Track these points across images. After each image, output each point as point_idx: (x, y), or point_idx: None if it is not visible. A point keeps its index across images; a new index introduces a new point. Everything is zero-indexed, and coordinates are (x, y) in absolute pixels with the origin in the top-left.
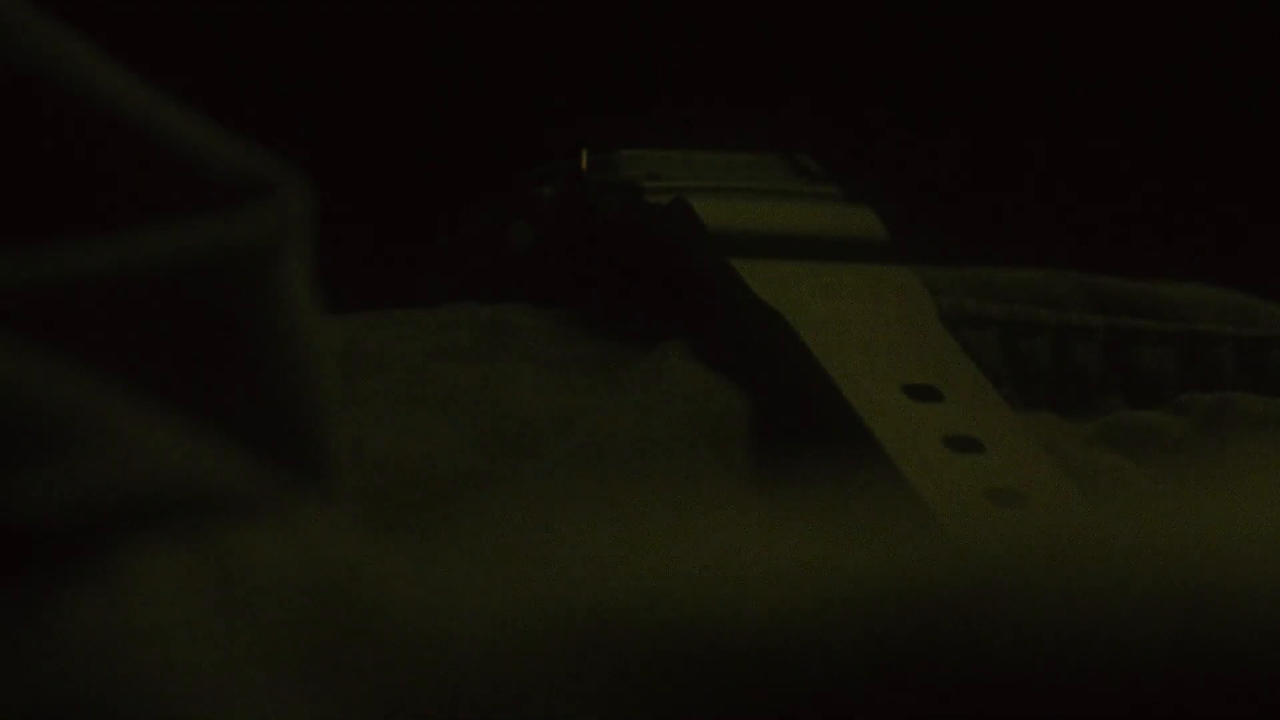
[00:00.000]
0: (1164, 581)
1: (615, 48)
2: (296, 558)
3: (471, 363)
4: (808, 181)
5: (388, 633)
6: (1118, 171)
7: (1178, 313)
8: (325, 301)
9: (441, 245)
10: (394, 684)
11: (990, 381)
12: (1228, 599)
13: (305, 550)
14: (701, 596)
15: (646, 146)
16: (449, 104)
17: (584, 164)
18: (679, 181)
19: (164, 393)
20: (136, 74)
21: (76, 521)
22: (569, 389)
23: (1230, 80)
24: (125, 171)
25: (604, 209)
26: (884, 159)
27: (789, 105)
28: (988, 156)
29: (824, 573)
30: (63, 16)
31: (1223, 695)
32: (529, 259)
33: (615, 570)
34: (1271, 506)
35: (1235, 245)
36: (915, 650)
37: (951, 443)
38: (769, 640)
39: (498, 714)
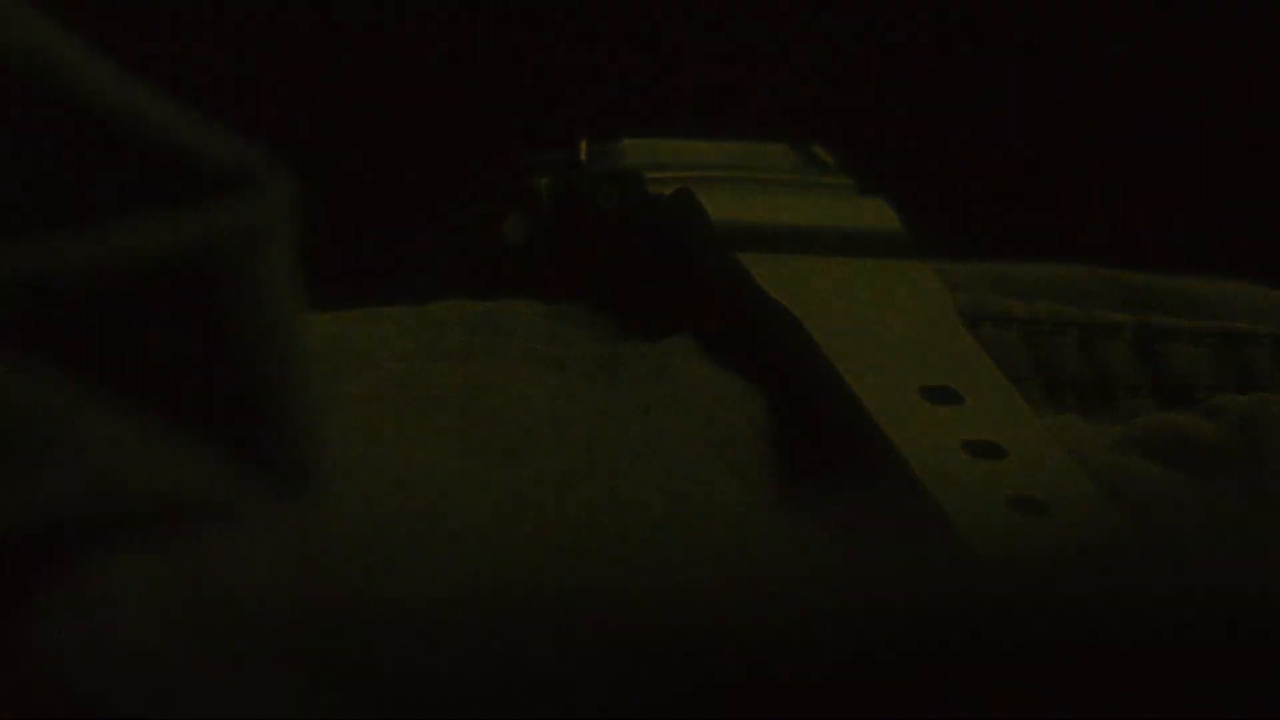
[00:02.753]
0: (1192, 595)
1: (616, 32)
2: (277, 566)
3: (464, 362)
4: (820, 172)
5: (373, 642)
6: (1147, 161)
7: (1211, 310)
8: (310, 298)
9: (432, 239)
10: (380, 693)
11: (1012, 383)
12: (1261, 612)
13: (286, 559)
14: (704, 602)
15: (649, 135)
16: (440, 91)
17: (583, 153)
18: (683, 171)
19: (138, 393)
20: (118, 64)
21: (47, 528)
22: (566, 390)
23: (1264, 69)
24: (103, 162)
25: (604, 201)
26: (900, 149)
27: (801, 93)
28: (1008, 147)
29: (835, 580)
30: (44, 8)
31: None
32: (524, 253)
33: (615, 574)
34: None
35: (1271, 239)
36: (926, 659)
37: (971, 448)
38: (775, 646)
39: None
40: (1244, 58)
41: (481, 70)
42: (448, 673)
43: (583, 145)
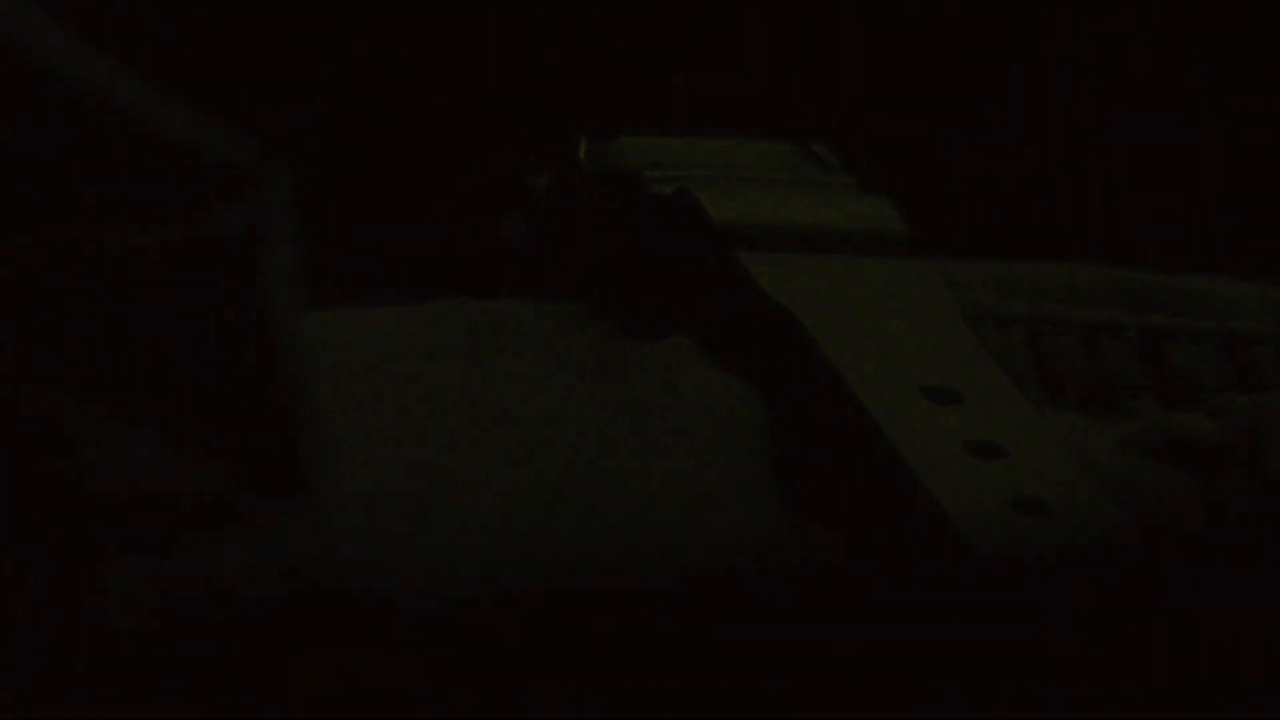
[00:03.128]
0: (1192, 595)
1: (616, 32)
2: (276, 567)
3: (463, 361)
4: (822, 171)
5: (370, 641)
6: (1147, 161)
7: (1213, 310)
8: (310, 298)
9: (431, 238)
10: (378, 690)
11: (1014, 383)
12: (1261, 612)
13: (285, 559)
14: (703, 601)
15: (648, 133)
16: (437, 89)
17: (581, 152)
18: (683, 170)
19: (138, 392)
20: (119, 64)
21: (47, 529)
22: (566, 390)
23: (1264, 69)
24: (104, 162)
25: (602, 200)
26: (900, 148)
27: (803, 89)
28: (1008, 147)
29: (834, 580)
30: (46, 8)
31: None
32: (523, 253)
33: (614, 573)
34: None
35: (1271, 239)
36: (925, 659)
37: (973, 448)
38: (774, 645)
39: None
40: (1244, 58)
41: (481, 70)
42: (444, 671)
43: (582, 145)
